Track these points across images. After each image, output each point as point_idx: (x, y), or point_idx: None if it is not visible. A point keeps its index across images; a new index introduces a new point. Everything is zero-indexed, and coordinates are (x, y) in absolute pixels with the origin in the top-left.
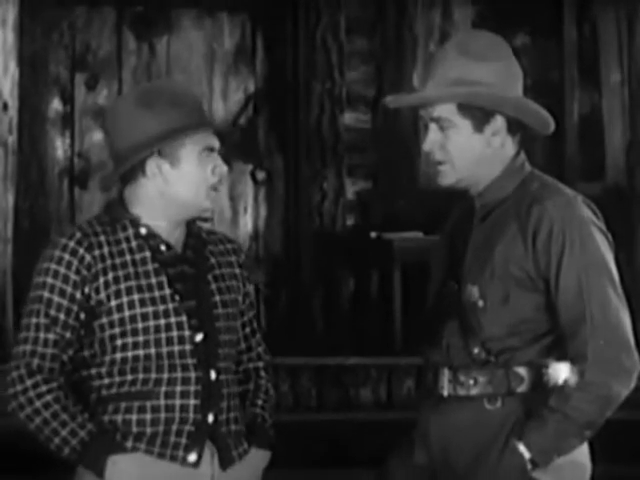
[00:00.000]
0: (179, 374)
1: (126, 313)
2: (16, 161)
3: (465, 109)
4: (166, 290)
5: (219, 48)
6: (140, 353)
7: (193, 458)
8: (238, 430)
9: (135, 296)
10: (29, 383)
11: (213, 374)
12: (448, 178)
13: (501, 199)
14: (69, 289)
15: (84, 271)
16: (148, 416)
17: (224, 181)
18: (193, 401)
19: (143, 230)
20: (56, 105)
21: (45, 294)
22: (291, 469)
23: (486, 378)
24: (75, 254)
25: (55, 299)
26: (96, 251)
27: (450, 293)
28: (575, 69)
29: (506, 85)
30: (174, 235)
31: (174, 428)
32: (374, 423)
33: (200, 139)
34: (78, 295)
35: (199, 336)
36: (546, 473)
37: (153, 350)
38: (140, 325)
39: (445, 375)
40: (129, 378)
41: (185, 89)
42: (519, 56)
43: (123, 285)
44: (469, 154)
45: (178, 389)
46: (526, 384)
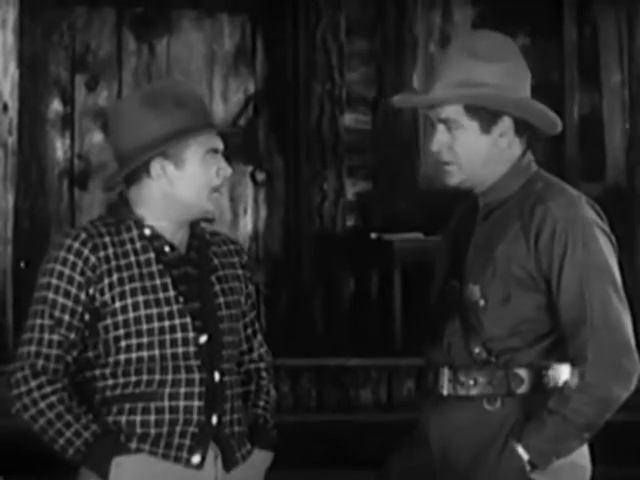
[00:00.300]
0: (183, 376)
1: (130, 315)
2: (16, 162)
3: (472, 110)
4: (170, 292)
5: (219, 49)
6: (144, 354)
7: (197, 459)
8: (241, 431)
9: (139, 298)
10: (33, 384)
11: (217, 376)
12: (454, 178)
13: (505, 198)
14: (74, 290)
15: (89, 272)
16: (152, 417)
17: (226, 182)
18: (197, 403)
19: (147, 231)
20: (56, 106)
21: (50, 295)
22: (291, 470)
23: (486, 378)
24: (80, 255)
25: (60, 300)
26: (101, 252)
27: (452, 292)
28: (575, 70)
29: (513, 86)
30: (178, 236)
31: (178, 429)
32: (374, 424)
33: (205, 141)
34: (83, 296)
35: (203, 338)
36: (545, 475)
37: (157, 352)
38: (144, 327)
39: (445, 374)
40: (133, 379)
41: (189, 90)
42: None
43: (128, 287)
44: (476, 155)
45: (182, 390)
46: (526, 385)
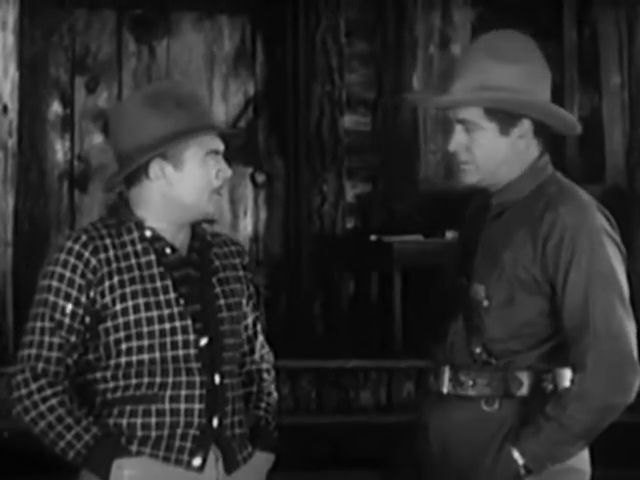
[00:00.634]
0: (184, 378)
1: (131, 317)
2: (16, 164)
3: (492, 113)
4: (171, 294)
5: (219, 51)
6: (145, 357)
7: (198, 462)
8: (242, 433)
9: (140, 300)
10: (34, 387)
11: (217, 378)
12: (471, 177)
13: (517, 199)
14: (74, 293)
15: (89, 275)
16: (153, 420)
17: (226, 184)
18: (198, 405)
19: (148, 233)
20: (56, 108)
21: (50, 297)
22: (291, 471)
23: (485, 379)
24: (80, 257)
25: (60, 303)
26: (101, 254)
27: (459, 290)
28: (575, 71)
29: (533, 88)
30: (179, 237)
31: (179, 432)
32: (374, 425)
33: (204, 142)
34: (83, 299)
35: (204, 340)
36: (541, 479)
37: (158, 354)
38: (145, 329)
39: (446, 373)
40: (134, 382)
41: (190, 91)
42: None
43: (128, 289)
44: (494, 156)
45: (183, 393)
46: (525, 388)
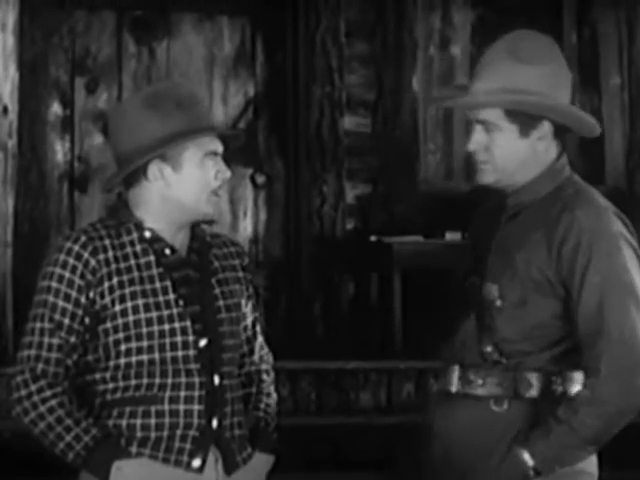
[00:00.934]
0: (183, 379)
1: (130, 318)
2: (16, 165)
3: (512, 114)
4: (170, 295)
5: (219, 52)
6: (144, 358)
7: (197, 463)
8: (242, 435)
9: (139, 301)
10: (33, 388)
11: (217, 379)
12: (489, 177)
13: (533, 200)
14: (74, 293)
15: (89, 275)
16: (152, 421)
17: (225, 185)
18: (197, 406)
19: (147, 234)
20: (56, 109)
21: (50, 298)
22: (291, 473)
23: (495, 379)
24: (80, 258)
25: (60, 303)
26: (101, 255)
27: (472, 289)
28: (575, 72)
29: (555, 91)
30: (178, 238)
31: (178, 433)
32: (374, 427)
33: (204, 143)
34: (83, 299)
35: (203, 341)
36: None
37: (157, 355)
38: (144, 330)
39: (455, 372)
40: (133, 383)
41: (190, 92)
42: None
43: (128, 290)
44: (513, 157)
45: (182, 394)
46: (534, 390)
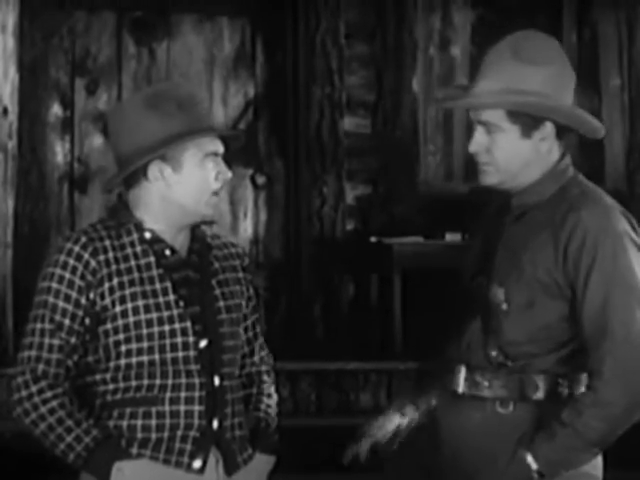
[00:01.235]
0: (183, 380)
1: (130, 319)
2: (16, 166)
3: (514, 115)
4: (170, 296)
5: (219, 53)
6: (144, 359)
7: (198, 464)
8: (242, 435)
9: (140, 302)
10: (34, 389)
11: (217, 380)
12: (491, 179)
13: (538, 202)
14: (74, 294)
15: (89, 276)
16: (153, 422)
17: (225, 186)
18: (198, 407)
19: (147, 234)
20: (56, 110)
21: (50, 299)
22: (291, 474)
23: (501, 381)
24: (80, 259)
25: (60, 304)
26: (101, 256)
27: (477, 291)
28: (574, 73)
29: (558, 92)
30: (178, 239)
31: (179, 434)
32: None
33: (203, 144)
34: (83, 300)
35: (203, 342)
36: None
37: (157, 356)
38: (145, 331)
39: (462, 373)
40: (134, 384)
41: (191, 92)
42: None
43: (128, 291)
44: (515, 158)
45: (182, 395)
46: (541, 392)
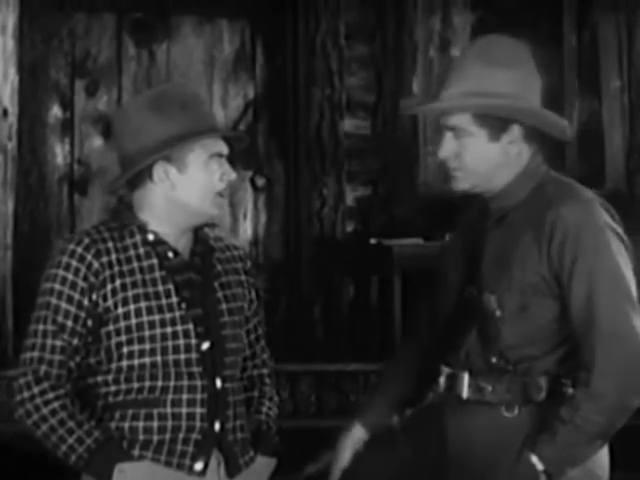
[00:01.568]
0: (185, 382)
1: (133, 321)
2: (16, 167)
3: (482, 118)
4: (173, 298)
5: (219, 54)
6: (146, 361)
7: (200, 467)
8: (244, 438)
9: (142, 304)
10: (36, 390)
11: (219, 382)
12: (462, 184)
13: (515, 204)
14: (77, 296)
15: (92, 278)
16: (155, 423)
17: (229, 187)
18: (199, 409)
19: (151, 236)
20: (56, 111)
21: (53, 300)
22: (291, 475)
23: (504, 386)
24: (83, 261)
25: (63, 306)
26: (104, 258)
27: (469, 301)
28: (575, 75)
29: (524, 94)
30: (181, 241)
31: (181, 436)
32: None
33: (208, 145)
34: (86, 302)
35: (205, 344)
36: None
37: (159, 358)
38: (147, 333)
39: (465, 379)
40: (136, 386)
41: (194, 93)
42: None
43: (130, 292)
44: (485, 162)
45: (184, 397)
46: (544, 393)
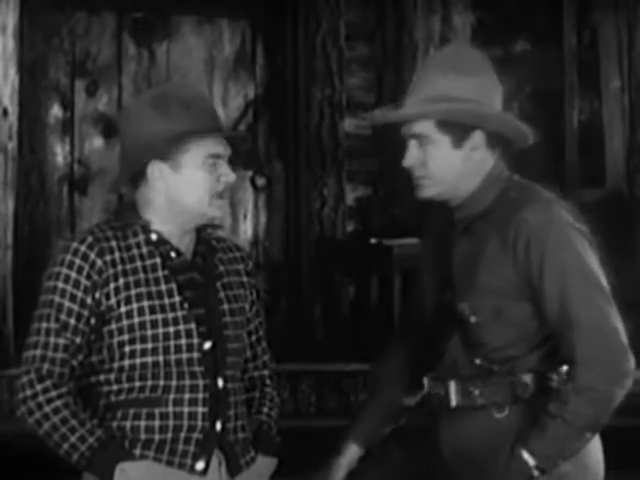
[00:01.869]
0: (187, 382)
1: (135, 320)
2: (16, 167)
3: (444, 125)
4: (176, 297)
5: (219, 54)
6: (149, 360)
7: (201, 466)
8: (245, 438)
9: (145, 303)
10: (39, 388)
11: (221, 382)
12: (428, 192)
13: (480, 211)
14: (80, 294)
15: (95, 276)
16: (156, 423)
17: (229, 189)
18: (201, 409)
19: (154, 236)
20: (56, 111)
21: (56, 298)
22: (291, 476)
23: (492, 387)
24: (86, 259)
25: (66, 304)
26: (107, 256)
27: (447, 307)
28: (575, 75)
29: (486, 100)
30: (184, 241)
31: (182, 436)
32: None
33: (205, 145)
34: (89, 300)
35: (207, 344)
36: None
37: (161, 357)
38: (149, 332)
39: (453, 387)
40: (137, 385)
41: (198, 93)
42: (518, 63)
43: (133, 291)
44: (449, 169)
45: (186, 397)
46: (532, 390)
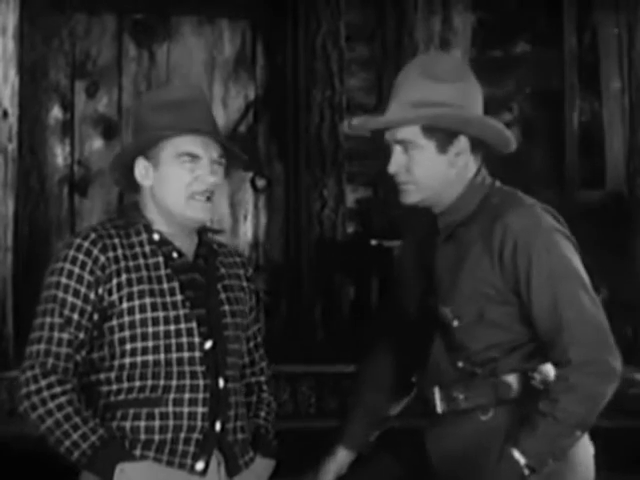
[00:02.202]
0: (187, 381)
1: (137, 316)
2: (16, 168)
3: (429, 130)
4: (178, 296)
5: (219, 55)
6: (149, 359)
7: (201, 466)
8: (244, 439)
9: (147, 300)
10: (43, 383)
11: (221, 382)
12: (412, 197)
13: (464, 218)
14: (83, 289)
15: (98, 272)
16: (156, 423)
17: (219, 191)
18: (201, 409)
19: (156, 236)
20: (56, 112)
21: (59, 294)
22: (291, 477)
23: (475, 391)
24: (89, 254)
25: (69, 299)
26: (110, 253)
27: (429, 312)
28: (575, 76)
29: (469, 105)
30: (186, 243)
31: (182, 436)
32: None
33: (180, 144)
34: (92, 296)
35: (208, 343)
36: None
37: (162, 356)
38: (150, 329)
39: (437, 393)
40: (137, 384)
41: (192, 95)
42: (518, 64)
43: (136, 288)
44: (433, 175)
45: (186, 396)
46: (515, 391)
